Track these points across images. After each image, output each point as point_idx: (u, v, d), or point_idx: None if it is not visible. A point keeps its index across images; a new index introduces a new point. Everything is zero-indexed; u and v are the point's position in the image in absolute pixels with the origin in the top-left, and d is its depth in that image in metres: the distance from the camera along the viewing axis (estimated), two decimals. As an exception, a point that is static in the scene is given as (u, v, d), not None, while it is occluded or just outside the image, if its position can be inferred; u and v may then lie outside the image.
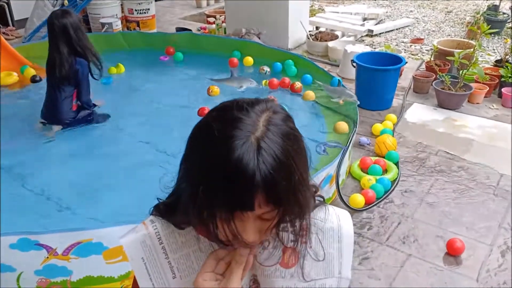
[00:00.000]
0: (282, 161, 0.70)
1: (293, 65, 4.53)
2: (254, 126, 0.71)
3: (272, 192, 0.70)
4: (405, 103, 4.18)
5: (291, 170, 0.71)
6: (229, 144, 0.69)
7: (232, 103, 0.76)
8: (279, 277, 0.86)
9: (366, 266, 2.41)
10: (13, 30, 6.05)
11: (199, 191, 0.71)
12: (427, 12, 7.20)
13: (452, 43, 4.81)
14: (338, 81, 3.97)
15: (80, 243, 2.06)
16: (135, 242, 0.87)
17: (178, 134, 3.42)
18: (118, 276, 2.16)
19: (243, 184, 0.68)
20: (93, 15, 5.72)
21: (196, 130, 0.77)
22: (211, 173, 0.70)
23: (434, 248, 2.54)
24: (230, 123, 0.71)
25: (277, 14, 5.38)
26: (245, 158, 0.68)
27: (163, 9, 7.15)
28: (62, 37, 3.13)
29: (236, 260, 0.80)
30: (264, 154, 0.69)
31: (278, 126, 0.73)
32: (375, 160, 3.23)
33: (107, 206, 2.67)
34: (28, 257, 2.05)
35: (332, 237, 0.89)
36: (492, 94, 4.33)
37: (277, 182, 0.69)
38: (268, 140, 0.70)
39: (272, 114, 0.74)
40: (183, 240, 0.87)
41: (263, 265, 0.86)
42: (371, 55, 4.30)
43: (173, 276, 0.86)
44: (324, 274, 0.88)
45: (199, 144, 0.75)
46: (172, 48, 5.01)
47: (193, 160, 0.75)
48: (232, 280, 0.79)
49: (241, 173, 0.68)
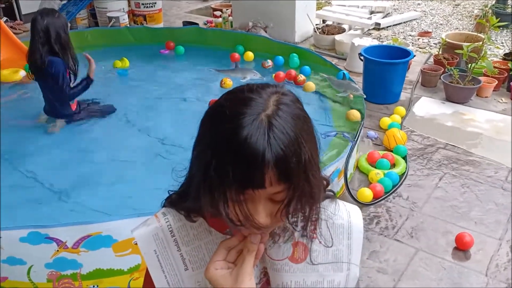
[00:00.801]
0: (292, 138, 0.70)
1: (296, 57, 4.53)
2: (265, 105, 0.72)
3: (283, 169, 0.70)
4: (413, 96, 4.16)
5: (302, 148, 0.71)
6: (239, 121, 0.69)
7: (243, 87, 0.78)
8: (288, 272, 0.86)
9: (375, 260, 2.41)
10: (21, 24, 6.07)
11: (210, 170, 0.71)
12: (434, 5, 7.13)
13: (461, 36, 4.77)
14: (343, 74, 3.95)
15: (90, 236, 2.07)
16: (147, 235, 0.87)
17: (186, 126, 3.43)
18: (128, 269, 2.17)
19: (253, 161, 0.68)
20: (100, 9, 5.72)
21: (208, 112, 0.78)
22: (221, 150, 0.70)
23: (443, 243, 2.53)
24: (241, 103, 0.72)
25: (284, 8, 5.35)
26: (255, 134, 0.68)
27: (170, 3, 7.14)
28: (43, 36, 3.12)
29: (248, 248, 0.79)
30: (275, 130, 0.69)
31: (288, 106, 0.73)
32: (383, 154, 3.22)
33: (114, 198, 2.69)
34: (39, 251, 2.07)
35: (342, 234, 0.88)
36: (501, 88, 4.29)
37: (288, 159, 0.69)
38: (278, 118, 0.70)
39: (282, 95, 0.75)
40: (195, 233, 0.87)
41: (273, 259, 0.86)
42: (379, 49, 4.27)
43: (185, 268, 0.87)
44: (333, 270, 0.88)
45: (210, 124, 0.75)
46: (172, 42, 4.98)
47: (204, 141, 0.76)
48: (245, 268, 0.79)
49: (251, 150, 0.68)
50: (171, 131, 3.41)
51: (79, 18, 5.80)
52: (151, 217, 0.90)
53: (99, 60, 3.98)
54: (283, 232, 0.85)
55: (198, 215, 0.87)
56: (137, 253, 2.12)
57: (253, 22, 5.25)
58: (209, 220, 0.87)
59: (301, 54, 4.57)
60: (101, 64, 4.29)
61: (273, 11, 5.37)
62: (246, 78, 4.12)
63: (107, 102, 3.76)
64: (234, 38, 4.95)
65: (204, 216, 0.87)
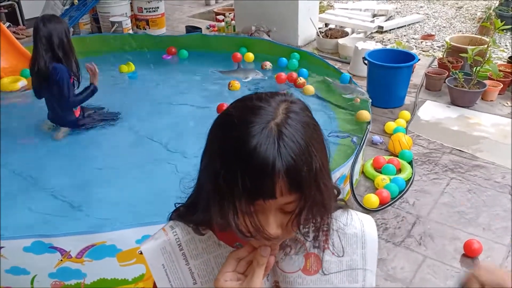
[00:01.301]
0: (303, 147, 0.69)
1: (296, 58, 4.56)
2: (274, 113, 0.71)
3: (294, 178, 0.68)
4: (417, 100, 4.13)
5: (313, 156, 0.70)
6: (248, 130, 0.68)
7: (252, 95, 0.77)
8: (301, 285, 0.84)
9: (382, 268, 2.38)
10: (24, 29, 6.07)
11: (219, 180, 0.70)
12: (437, 8, 7.11)
13: (465, 40, 4.74)
14: (350, 78, 3.94)
15: (94, 246, 2.06)
16: (156, 249, 0.86)
17: (192, 132, 3.43)
18: (132, 279, 2.15)
19: (264, 170, 0.67)
20: (103, 14, 5.71)
21: (216, 121, 0.76)
22: (230, 159, 0.69)
23: (451, 249, 2.50)
24: (250, 111, 0.71)
25: (287, 11, 5.34)
26: (264, 143, 0.67)
27: (172, 8, 7.13)
28: (45, 42, 3.11)
29: (258, 261, 0.78)
30: (285, 138, 0.68)
31: (297, 114, 0.73)
32: (389, 159, 3.19)
33: (118, 206, 2.67)
34: (42, 260, 2.05)
35: (356, 243, 0.87)
36: (506, 91, 4.26)
37: (299, 168, 0.68)
38: (288, 126, 0.70)
39: (291, 104, 0.74)
40: (203, 246, 0.85)
41: (285, 272, 0.84)
42: (383, 52, 4.25)
43: (194, 282, 0.85)
44: (348, 281, 0.86)
45: (218, 133, 0.74)
46: (174, 48, 4.95)
47: (213, 150, 0.74)
48: (254, 280, 0.77)
49: (261, 159, 0.66)
50: (178, 137, 3.38)
51: (82, 23, 5.79)
52: (158, 231, 0.88)
53: (104, 66, 3.98)
54: (294, 244, 0.84)
55: (207, 228, 0.85)
56: (142, 263, 2.10)
57: (256, 26, 5.24)
58: (218, 233, 0.85)
59: (303, 57, 4.58)
60: (108, 69, 4.32)
61: (275, 15, 5.36)
62: (248, 78, 4.17)
63: (113, 107, 3.74)
64: (236, 43, 4.96)
65: (213, 229, 0.86)
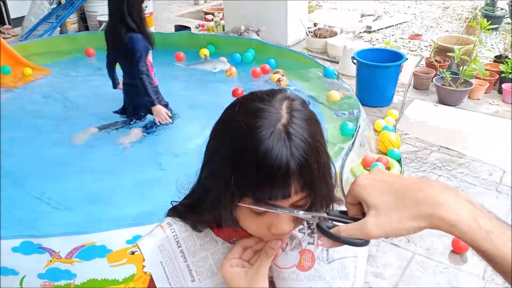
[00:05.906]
0: (311, 145, 0.70)
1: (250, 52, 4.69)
2: (279, 114, 0.71)
3: (306, 177, 0.70)
4: (405, 99, 4.17)
5: (319, 152, 0.72)
6: (257, 135, 0.69)
7: (252, 96, 0.77)
8: (295, 280, 0.85)
9: (372, 265, 2.40)
10: (10, 28, 6.00)
11: (231, 186, 0.70)
12: (424, 8, 7.18)
13: (452, 39, 4.80)
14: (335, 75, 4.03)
15: (84, 246, 2.04)
16: (153, 246, 0.85)
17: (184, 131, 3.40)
18: (123, 279, 2.13)
19: (279, 174, 0.68)
20: (90, 13, 5.68)
21: (222, 127, 0.76)
22: (242, 166, 0.70)
23: (439, 246, 2.53)
24: (255, 115, 0.71)
25: (276, 11, 5.35)
26: (276, 147, 0.68)
27: (161, 7, 7.11)
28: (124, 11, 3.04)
29: (267, 252, 0.79)
30: (295, 139, 0.69)
31: (300, 111, 0.73)
32: (378, 158, 3.22)
33: (108, 207, 2.65)
34: (31, 261, 2.03)
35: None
36: (492, 90, 4.32)
37: (311, 166, 0.70)
38: (295, 126, 0.70)
39: (292, 101, 0.75)
40: (201, 243, 0.86)
41: (280, 267, 0.85)
42: (371, 52, 4.28)
43: (192, 279, 0.85)
44: (339, 277, 0.87)
45: (227, 140, 0.74)
46: (91, 49, 4.78)
47: (221, 155, 0.74)
48: (261, 270, 0.79)
49: (276, 163, 0.67)
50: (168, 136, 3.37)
51: (69, 22, 5.75)
52: (156, 228, 0.88)
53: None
54: (290, 240, 0.85)
55: (204, 225, 0.86)
56: (132, 263, 2.08)
57: (246, 26, 5.24)
58: (215, 230, 0.86)
59: (292, 56, 4.62)
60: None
61: (265, 15, 5.37)
62: (216, 68, 4.31)
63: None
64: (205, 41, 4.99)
65: (211, 226, 0.86)
